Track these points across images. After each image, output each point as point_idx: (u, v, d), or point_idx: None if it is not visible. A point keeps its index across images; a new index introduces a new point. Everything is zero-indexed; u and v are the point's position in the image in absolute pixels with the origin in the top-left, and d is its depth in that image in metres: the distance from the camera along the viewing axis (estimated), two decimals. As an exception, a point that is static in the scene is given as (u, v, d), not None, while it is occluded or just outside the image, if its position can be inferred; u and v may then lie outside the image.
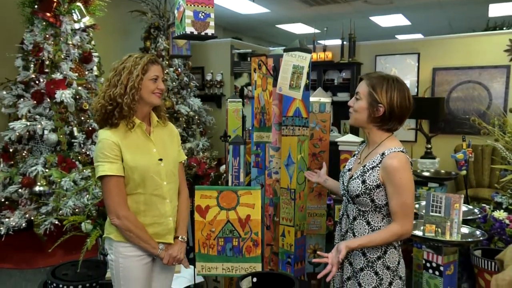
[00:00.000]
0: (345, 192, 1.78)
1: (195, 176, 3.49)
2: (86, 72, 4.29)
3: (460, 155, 3.23)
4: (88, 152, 3.99)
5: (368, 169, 1.67)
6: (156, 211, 1.86)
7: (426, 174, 3.80)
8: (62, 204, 3.58)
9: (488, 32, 5.83)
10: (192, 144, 5.35)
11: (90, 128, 4.07)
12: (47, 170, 3.76)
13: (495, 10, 6.96)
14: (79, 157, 3.96)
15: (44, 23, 4.01)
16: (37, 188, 3.74)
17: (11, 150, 3.97)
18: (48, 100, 3.92)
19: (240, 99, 3.00)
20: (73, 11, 4.10)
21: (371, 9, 7.14)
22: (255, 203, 2.23)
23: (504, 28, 7.12)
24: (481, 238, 2.31)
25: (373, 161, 1.68)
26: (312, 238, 2.91)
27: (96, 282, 2.40)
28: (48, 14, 3.98)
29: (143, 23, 5.40)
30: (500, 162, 3.34)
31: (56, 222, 3.58)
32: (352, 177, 1.73)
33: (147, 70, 1.81)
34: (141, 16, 5.37)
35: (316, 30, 6.80)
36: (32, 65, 3.99)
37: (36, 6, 4.02)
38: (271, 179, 2.63)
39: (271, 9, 7.24)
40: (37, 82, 3.94)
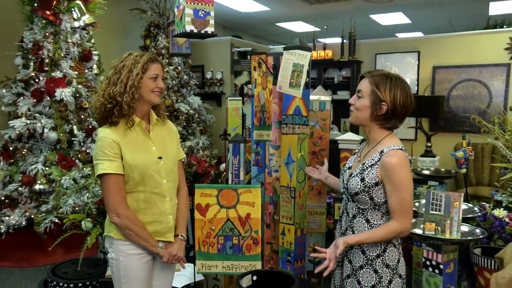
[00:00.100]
0: (345, 190, 1.78)
1: (195, 175, 3.48)
2: (86, 70, 4.29)
3: (460, 153, 3.23)
4: (88, 151, 3.99)
5: (367, 167, 1.67)
6: (156, 209, 1.86)
7: (426, 172, 3.80)
8: (62, 203, 3.59)
9: (488, 30, 5.81)
10: (192, 143, 5.35)
11: (90, 126, 4.07)
12: (47, 169, 3.77)
13: (496, 8, 6.95)
14: (79, 155, 3.96)
15: (44, 21, 4.00)
16: (37, 187, 3.74)
17: (11, 149, 3.97)
18: (48, 98, 3.92)
19: (240, 98, 2.99)
20: (72, 9, 4.10)
21: (371, 7, 7.14)
22: (255, 201, 2.23)
23: (504, 26, 7.12)
24: (481, 236, 2.31)
25: (372, 159, 1.68)
26: (312, 236, 2.91)
27: (96, 280, 2.41)
28: (47, 12, 3.98)
29: (143, 21, 5.39)
30: (500, 160, 3.34)
31: (56, 221, 3.58)
32: (351, 175, 1.73)
33: (147, 68, 1.80)
34: (141, 14, 5.37)
35: (316, 28, 6.78)
36: (32, 63, 3.99)
37: (35, 4, 4.01)
38: (271, 177, 2.63)
39: (271, 7, 7.23)
40: (37, 80, 3.94)
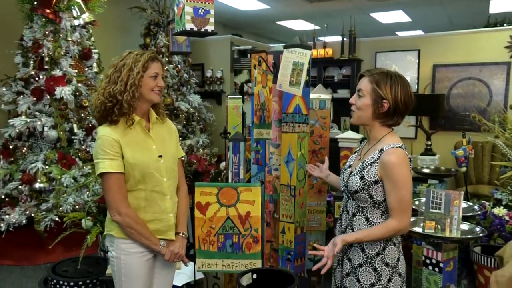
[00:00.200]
0: (345, 188, 1.78)
1: (195, 173, 3.49)
2: (86, 68, 4.29)
3: (460, 151, 3.23)
4: (88, 149, 4.00)
5: (367, 165, 1.67)
6: (156, 207, 1.86)
7: (426, 170, 3.80)
8: (62, 201, 3.59)
9: (489, 29, 5.81)
10: (192, 141, 5.35)
11: (90, 124, 4.07)
12: (47, 167, 3.77)
13: (496, 6, 6.94)
14: (79, 153, 3.96)
15: (44, 19, 4.00)
16: (37, 185, 3.74)
17: (11, 147, 3.97)
18: (48, 96, 3.92)
19: (240, 96, 2.99)
20: (72, 7, 4.10)
21: (371, 5, 7.13)
22: (255, 199, 2.23)
23: (504, 24, 7.11)
24: (480, 235, 2.31)
25: (371, 157, 1.68)
26: (312, 234, 2.91)
27: (97, 279, 2.41)
28: (47, 11, 3.97)
29: (143, 19, 5.39)
30: (500, 158, 3.34)
31: (56, 219, 3.59)
32: (351, 173, 1.73)
33: (148, 67, 1.80)
34: (140, 13, 5.36)
35: (316, 27, 6.78)
36: (31, 61, 3.99)
37: (35, 3, 4.01)
38: (271, 176, 2.63)
39: (271, 5, 7.22)
40: (36, 78, 3.94)
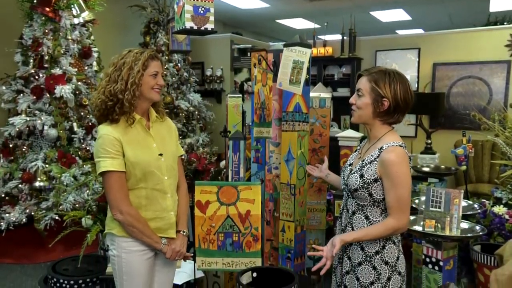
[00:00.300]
0: (345, 186, 1.78)
1: (195, 172, 3.49)
2: (86, 67, 4.29)
3: (460, 150, 3.23)
4: (88, 148, 4.00)
5: (367, 163, 1.67)
6: (157, 206, 1.86)
7: (426, 169, 3.80)
8: (62, 200, 3.59)
9: (489, 27, 5.80)
10: (192, 140, 5.35)
11: (90, 123, 4.07)
12: (47, 166, 3.77)
13: (496, 5, 6.93)
14: (79, 152, 3.96)
15: (43, 18, 4.00)
16: (37, 184, 3.75)
17: (11, 146, 3.97)
18: (48, 95, 3.92)
19: (240, 95, 2.99)
20: (72, 6, 4.09)
21: (371, 4, 7.12)
22: (255, 198, 2.23)
23: (505, 23, 7.09)
24: (480, 233, 2.31)
25: (371, 155, 1.68)
26: (312, 233, 2.92)
27: (97, 277, 2.41)
28: (47, 9, 3.97)
29: (143, 18, 5.39)
30: (500, 157, 3.35)
31: (57, 218, 3.59)
32: (351, 171, 1.74)
33: (147, 65, 1.80)
34: (140, 11, 5.35)
35: (316, 25, 6.77)
36: (31, 60, 3.99)
37: (35, 1, 4.00)
38: (271, 174, 2.63)
39: (271, 4, 7.21)
40: (36, 77, 3.94)
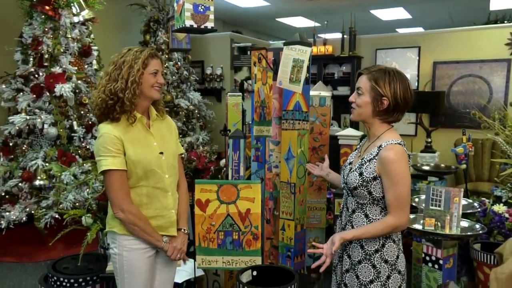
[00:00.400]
0: (345, 184, 1.78)
1: (195, 170, 3.48)
2: (86, 65, 4.28)
3: (460, 149, 3.23)
4: (88, 146, 3.99)
5: (366, 161, 1.68)
6: (158, 204, 1.87)
7: (426, 168, 3.80)
8: (62, 198, 3.59)
9: (489, 26, 5.80)
10: (192, 138, 5.35)
11: (90, 122, 4.07)
12: (47, 164, 3.77)
13: (496, 3, 6.92)
14: (79, 151, 3.96)
15: (43, 16, 3.99)
16: (37, 182, 3.75)
17: (11, 144, 3.97)
18: (48, 94, 3.91)
19: (240, 93, 2.99)
20: (72, 4, 4.09)
21: (371, 2, 7.11)
22: (255, 197, 2.23)
23: (505, 21, 7.08)
24: (480, 232, 2.31)
25: (370, 153, 1.68)
26: (312, 232, 2.92)
27: (97, 276, 2.41)
28: (47, 8, 3.96)
29: (143, 16, 5.38)
30: (500, 156, 3.34)
31: (57, 216, 3.59)
32: (351, 169, 1.74)
33: (148, 64, 1.80)
34: (140, 10, 5.35)
35: (316, 24, 6.76)
36: (31, 58, 3.98)
37: (34, 0, 4.00)
38: (271, 173, 2.63)
39: (271, 2, 7.21)
40: (36, 76, 3.93)
